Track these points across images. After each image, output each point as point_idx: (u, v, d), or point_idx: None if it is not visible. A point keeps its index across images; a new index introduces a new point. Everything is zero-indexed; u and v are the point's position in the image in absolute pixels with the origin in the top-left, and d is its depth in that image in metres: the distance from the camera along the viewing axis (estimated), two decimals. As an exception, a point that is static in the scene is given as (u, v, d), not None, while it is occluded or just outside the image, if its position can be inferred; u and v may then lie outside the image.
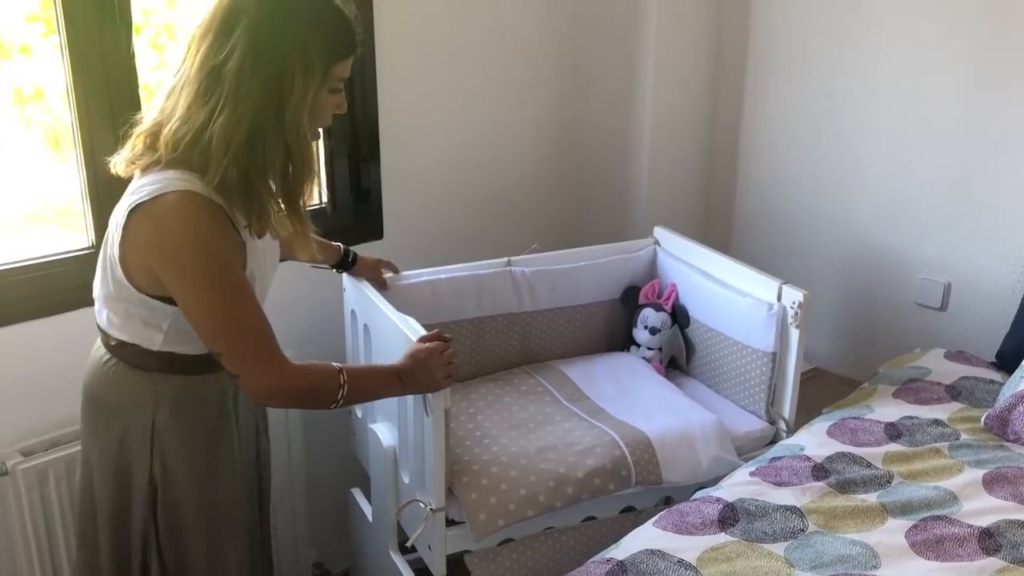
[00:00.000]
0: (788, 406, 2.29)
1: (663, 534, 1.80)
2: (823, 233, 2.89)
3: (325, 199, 2.59)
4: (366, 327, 2.19)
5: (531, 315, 2.53)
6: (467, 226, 2.85)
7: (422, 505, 1.94)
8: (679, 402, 2.33)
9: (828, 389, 2.63)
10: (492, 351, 2.52)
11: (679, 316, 2.55)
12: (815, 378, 2.79)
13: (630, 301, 2.64)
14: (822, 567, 1.68)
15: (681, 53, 2.89)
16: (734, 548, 1.74)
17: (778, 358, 2.27)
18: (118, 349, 1.66)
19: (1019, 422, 2.07)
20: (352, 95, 2.44)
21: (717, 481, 2.03)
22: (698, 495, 1.95)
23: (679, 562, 1.70)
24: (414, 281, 2.35)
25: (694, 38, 2.92)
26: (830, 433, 2.14)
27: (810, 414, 2.29)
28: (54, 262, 2.09)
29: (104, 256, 1.63)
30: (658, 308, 2.55)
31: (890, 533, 1.78)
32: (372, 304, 2.11)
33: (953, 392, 2.29)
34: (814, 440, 2.11)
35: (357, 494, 2.44)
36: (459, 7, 2.66)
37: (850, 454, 2.04)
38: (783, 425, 2.30)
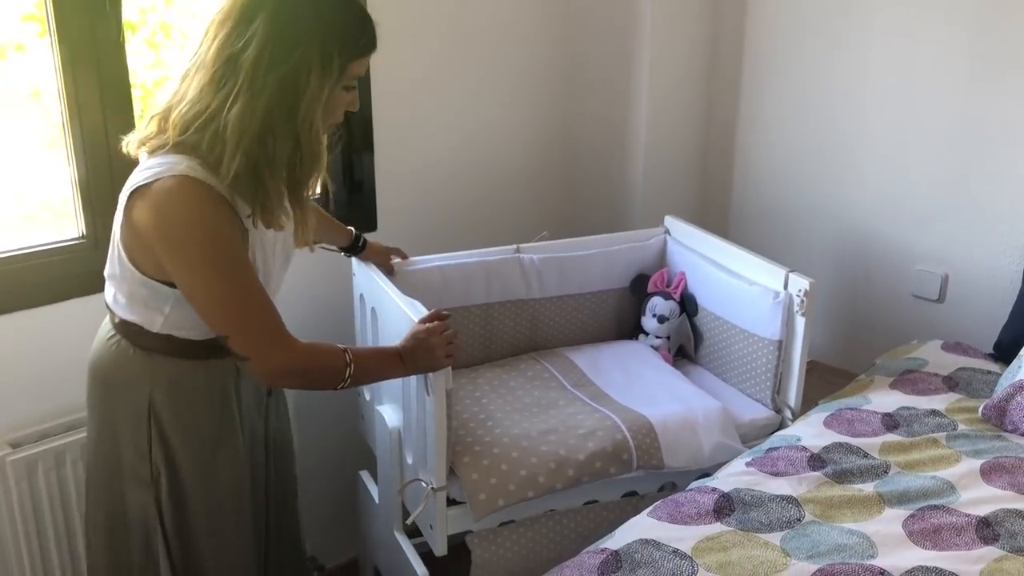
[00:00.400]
0: (793, 394, 2.24)
1: (658, 524, 1.75)
2: (819, 225, 2.84)
3: (318, 190, 2.53)
4: (374, 311, 2.16)
5: (540, 302, 2.49)
6: (461, 218, 2.79)
7: (424, 484, 1.92)
8: (684, 389, 2.29)
9: (824, 381, 2.58)
10: (500, 337, 2.48)
11: (688, 305, 2.50)
12: (812, 370, 2.69)
13: (639, 289, 2.59)
14: (819, 556, 1.63)
15: (677, 46, 2.83)
16: (730, 538, 1.69)
17: (784, 346, 2.22)
18: (122, 327, 1.64)
19: (1017, 412, 2.02)
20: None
21: (719, 468, 1.99)
22: (694, 485, 1.91)
23: (674, 552, 1.65)
24: (423, 266, 2.32)
25: (690, 32, 2.86)
26: (827, 424, 2.09)
27: (807, 406, 2.24)
28: (42, 252, 2.03)
29: (112, 236, 1.60)
30: (667, 296, 2.51)
31: (887, 523, 1.73)
32: (379, 287, 2.08)
33: (950, 383, 2.25)
34: (811, 430, 2.07)
35: (365, 476, 2.41)
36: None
37: (847, 444, 1.99)
38: (788, 413, 2.26)
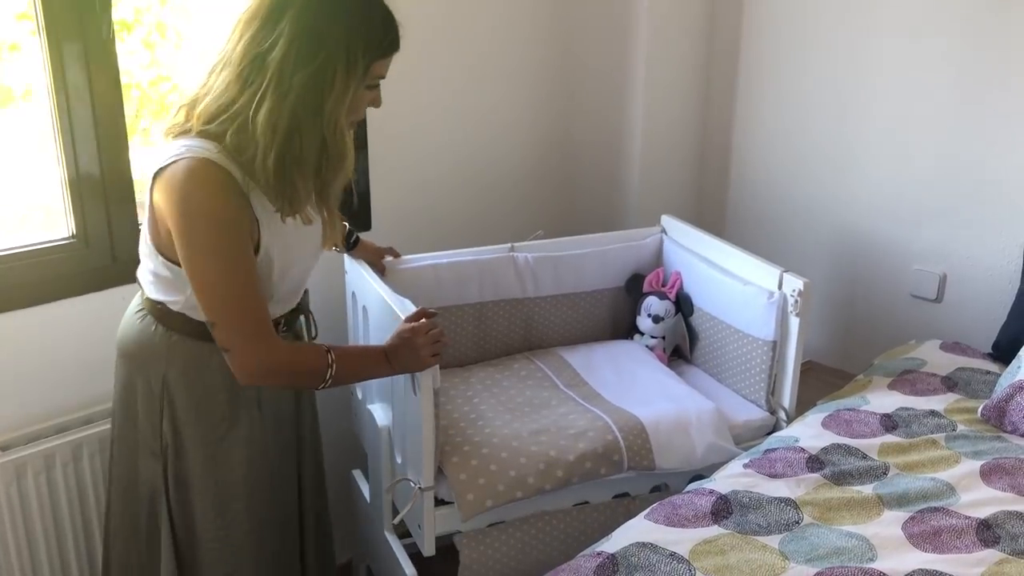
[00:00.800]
0: (788, 396, 2.17)
1: (655, 527, 1.68)
2: (817, 224, 2.77)
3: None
4: (365, 308, 2.10)
5: (534, 301, 2.42)
6: (456, 217, 2.72)
7: (412, 484, 1.86)
8: (677, 389, 2.22)
9: (821, 382, 2.51)
10: (494, 337, 2.41)
11: (683, 305, 2.44)
12: (809, 371, 2.64)
13: (635, 289, 2.52)
14: (817, 560, 1.56)
15: (673, 44, 2.76)
16: (727, 541, 1.62)
17: (778, 347, 2.15)
18: (148, 304, 1.65)
19: (1016, 413, 1.95)
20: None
21: (712, 469, 1.92)
22: (691, 487, 1.83)
23: (671, 555, 1.58)
24: (416, 265, 2.26)
25: (686, 30, 2.79)
26: (825, 425, 2.01)
27: (804, 407, 2.17)
28: (32, 252, 1.96)
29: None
30: (662, 296, 2.44)
31: (887, 525, 1.66)
32: (368, 285, 2.03)
33: (949, 383, 2.17)
34: (809, 431, 1.99)
35: (357, 475, 2.35)
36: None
37: (845, 445, 1.92)
38: (783, 415, 2.18)
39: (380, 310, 1.96)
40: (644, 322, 2.46)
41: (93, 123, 1.96)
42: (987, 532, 1.62)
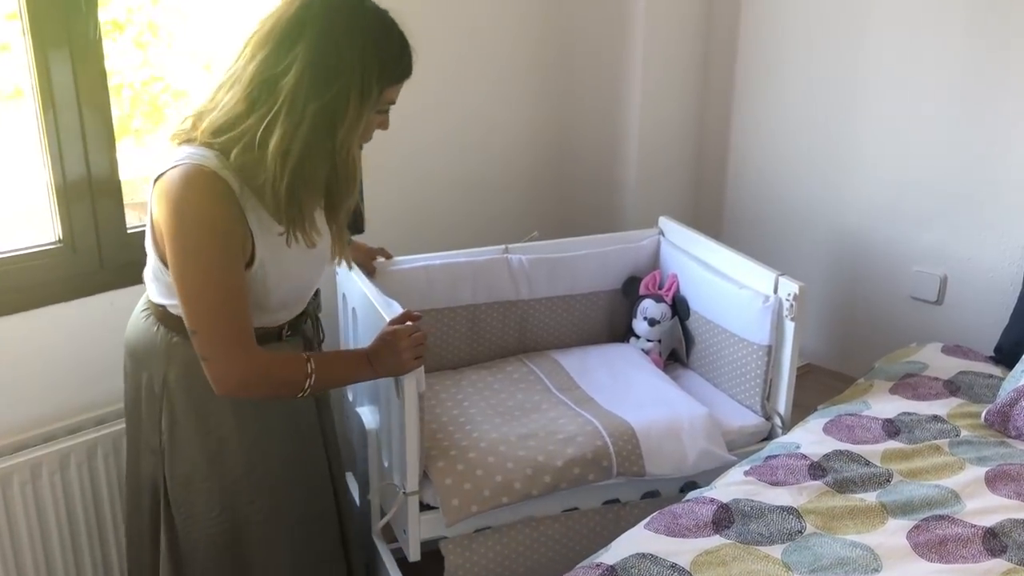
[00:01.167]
0: (783, 401, 2.09)
1: (655, 537, 1.60)
2: (816, 226, 2.70)
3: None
4: (354, 310, 2.04)
5: (528, 303, 2.34)
6: (450, 218, 2.65)
7: (397, 488, 1.80)
8: (671, 394, 2.13)
9: (821, 386, 2.44)
10: (488, 339, 2.33)
11: (680, 308, 2.35)
12: (808, 374, 2.58)
13: (631, 292, 2.44)
14: (821, 570, 1.49)
15: (670, 46, 2.71)
16: (729, 551, 1.55)
17: (773, 351, 2.07)
18: (152, 304, 1.63)
19: (1021, 418, 1.89)
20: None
21: (704, 475, 1.85)
22: (691, 495, 1.75)
23: (672, 566, 1.51)
24: (408, 266, 2.19)
25: (683, 31, 2.73)
26: (826, 430, 1.93)
27: (803, 411, 2.09)
28: (17, 258, 1.89)
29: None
30: (658, 299, 2.36)
31: (891, 534, 1.59)
32: (357, 287, 1.97)
33: (952, 387, 2.09)
34: (810, 438, 1.91)
35: (349, 478, 2.26)
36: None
37: (848, 452, 1.83)
38: (778, 421, 2.10)
39: (368, 312, 1.89)
40: (640, 325, 2.38)
41: (80, 126, 1.90)
42: (994, 541, 1.55)
